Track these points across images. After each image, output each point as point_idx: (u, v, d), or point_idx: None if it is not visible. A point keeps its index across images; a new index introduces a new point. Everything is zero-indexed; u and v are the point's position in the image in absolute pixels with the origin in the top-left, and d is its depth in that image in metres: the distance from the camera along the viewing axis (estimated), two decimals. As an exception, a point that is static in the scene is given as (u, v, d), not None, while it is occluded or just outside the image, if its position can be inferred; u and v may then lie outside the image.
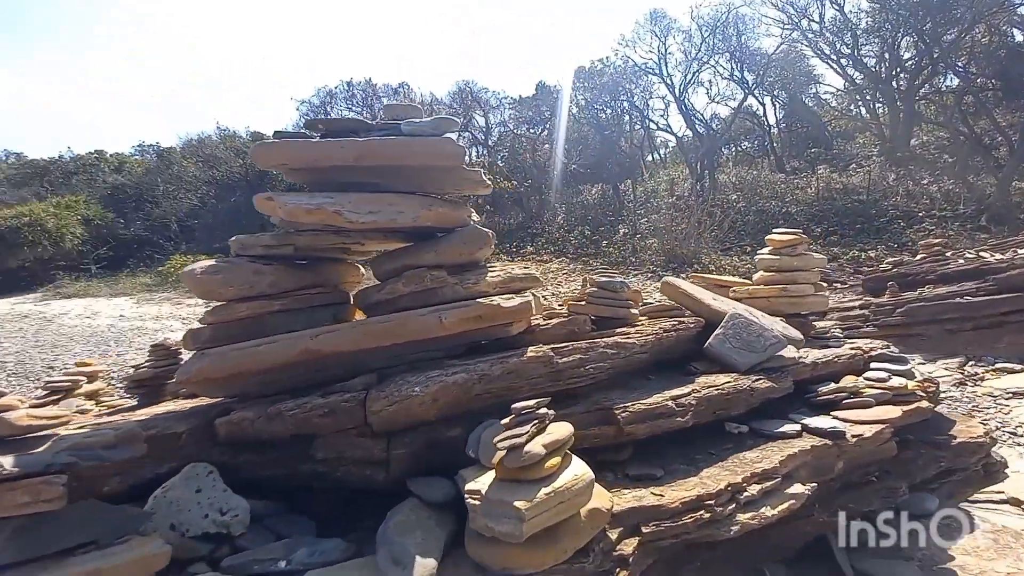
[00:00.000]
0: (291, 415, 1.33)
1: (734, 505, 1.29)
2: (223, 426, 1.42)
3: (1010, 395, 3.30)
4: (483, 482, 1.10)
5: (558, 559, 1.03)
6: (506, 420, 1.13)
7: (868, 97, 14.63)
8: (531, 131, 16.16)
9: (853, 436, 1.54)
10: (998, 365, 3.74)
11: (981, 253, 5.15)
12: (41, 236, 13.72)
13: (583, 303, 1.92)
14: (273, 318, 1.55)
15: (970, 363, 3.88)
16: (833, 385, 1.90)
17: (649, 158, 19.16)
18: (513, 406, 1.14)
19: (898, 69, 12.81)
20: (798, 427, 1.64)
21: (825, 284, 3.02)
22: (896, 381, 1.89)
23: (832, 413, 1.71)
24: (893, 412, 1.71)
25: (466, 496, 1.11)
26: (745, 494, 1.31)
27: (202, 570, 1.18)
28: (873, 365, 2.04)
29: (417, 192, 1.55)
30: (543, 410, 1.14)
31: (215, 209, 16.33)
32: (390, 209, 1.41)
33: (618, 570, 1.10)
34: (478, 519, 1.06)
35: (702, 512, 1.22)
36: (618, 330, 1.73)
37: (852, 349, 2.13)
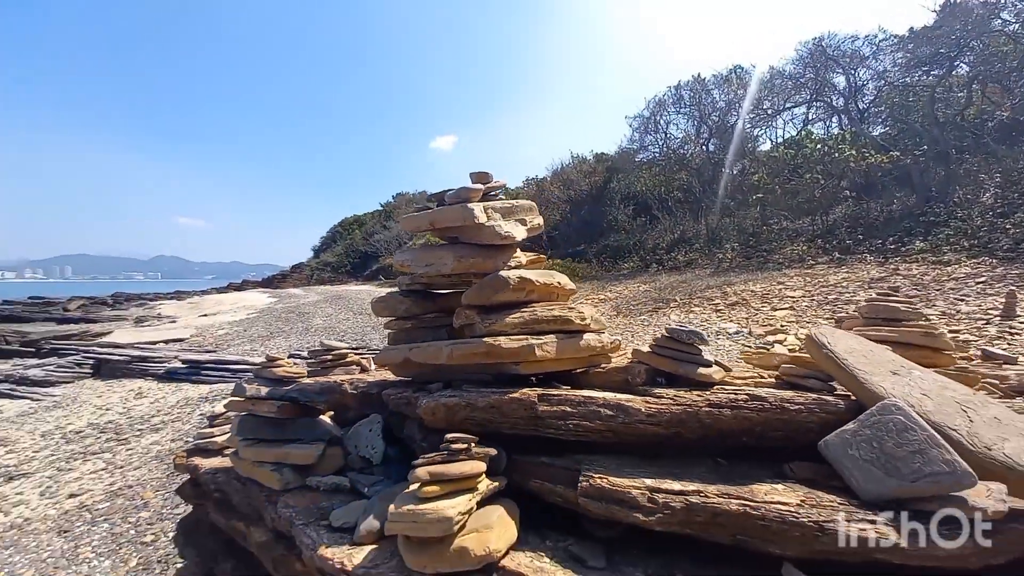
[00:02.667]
0: (391, 398, 2.02)
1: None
2: (382, 395, 2.27)
3: None
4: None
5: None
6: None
7: None
8: (930, 75, 10.97)
9: None
10: None
11: None
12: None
13: (649, 352, 1.65)
14: (413, 332, 2.29)
15: None
16: None
17: None
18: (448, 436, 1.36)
19: None
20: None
21: None
22: None
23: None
24: None
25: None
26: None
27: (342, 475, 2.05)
28: None
29: (473, 244, 1.87)
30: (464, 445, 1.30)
31: (570, 221, 20.14)
32: (439, 262, 1.83)
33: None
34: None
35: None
36: (666, 392, 1.43)
37: None
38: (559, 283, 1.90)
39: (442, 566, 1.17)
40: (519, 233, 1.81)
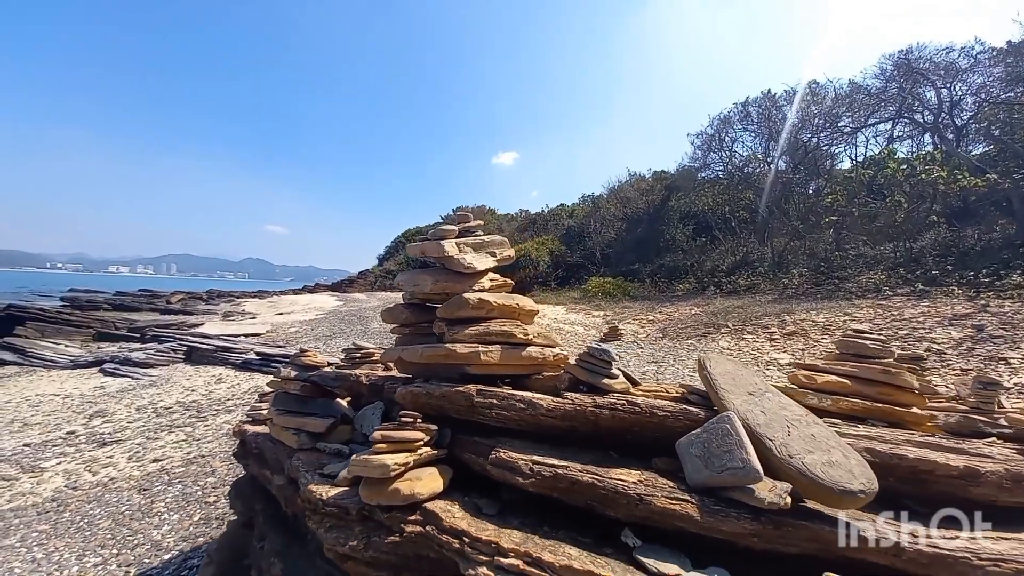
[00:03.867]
0: (387, 388, 2.60)
1: None
2: (381, 388, 2.87)
3: None
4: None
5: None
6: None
7: None
8: None
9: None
10: None
11: None
12: (528, 263, 21.53)
13: (574, 364, 2.07)
14: (411, 337, 2.87)
15: None
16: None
17: None
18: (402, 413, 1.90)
19: None
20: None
21: None
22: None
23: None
24: None
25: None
26: None
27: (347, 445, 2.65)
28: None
29: (448, 270, 2.41)
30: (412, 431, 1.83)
31: (625, 239, 20.18)
32: (422, 283, 2.39)
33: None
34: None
35: None
36: (571, 395, 1.86)
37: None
38: (518, 304, 2.38)
39: (381, 500, 1.71)
40: (482, 264, 2.33)
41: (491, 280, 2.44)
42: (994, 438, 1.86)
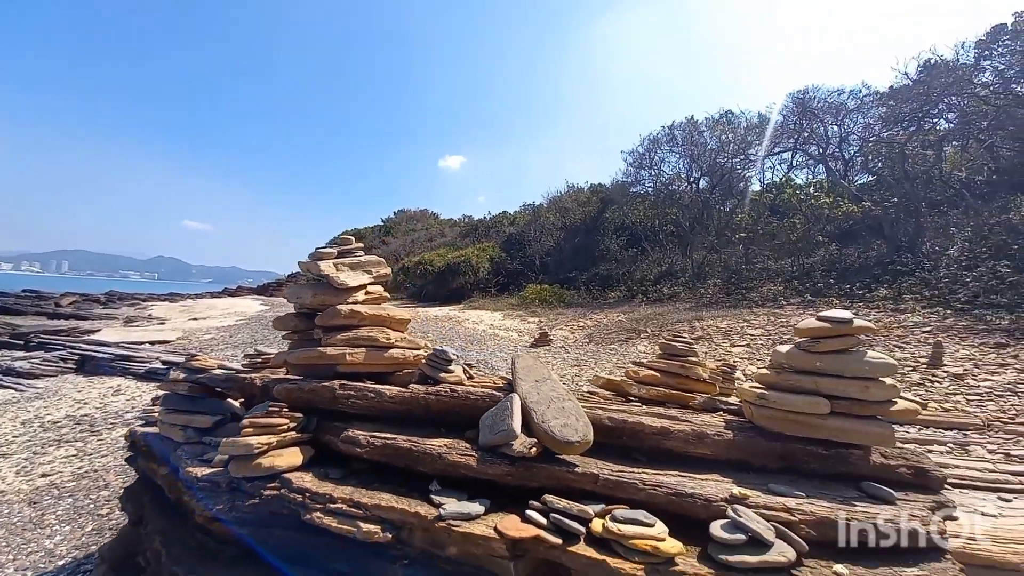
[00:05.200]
0: (272, 388, 3.07)
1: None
2: (270, 388, 3.32)
3: None
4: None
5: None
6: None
7: None
8: (906, 130, 12.02)
9: None
10: None
11: None
12: (468, 268, 22.04)
13: (424, 363, 2.69)
14: (300, 342, 3.35)
15: None
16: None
17: None
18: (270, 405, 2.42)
19: None
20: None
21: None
22: None
23: None
24: None
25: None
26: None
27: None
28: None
29: (328, 285, 2.95)
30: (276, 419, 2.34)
31: (564, 248, 21.26)
32: (304, 296, 2.91)
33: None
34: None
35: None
36: (415, 386, 2.48)
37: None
38: (389, 314, 2.97)
39: (246, 472, 2.21)
40: (356, 281, 2.90)
41: (367, 293, 3.00)
42: (721, 411, 2.67)
